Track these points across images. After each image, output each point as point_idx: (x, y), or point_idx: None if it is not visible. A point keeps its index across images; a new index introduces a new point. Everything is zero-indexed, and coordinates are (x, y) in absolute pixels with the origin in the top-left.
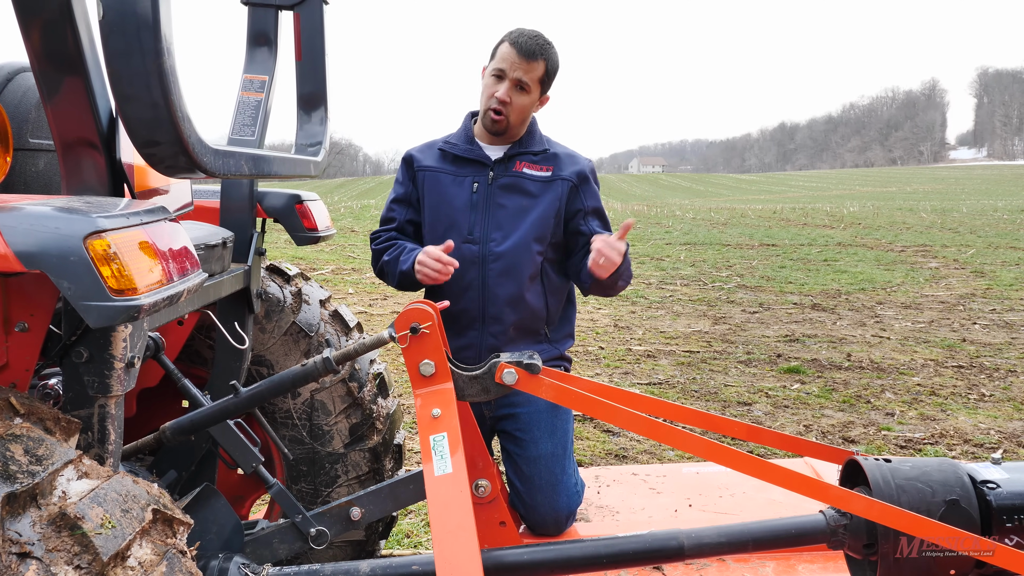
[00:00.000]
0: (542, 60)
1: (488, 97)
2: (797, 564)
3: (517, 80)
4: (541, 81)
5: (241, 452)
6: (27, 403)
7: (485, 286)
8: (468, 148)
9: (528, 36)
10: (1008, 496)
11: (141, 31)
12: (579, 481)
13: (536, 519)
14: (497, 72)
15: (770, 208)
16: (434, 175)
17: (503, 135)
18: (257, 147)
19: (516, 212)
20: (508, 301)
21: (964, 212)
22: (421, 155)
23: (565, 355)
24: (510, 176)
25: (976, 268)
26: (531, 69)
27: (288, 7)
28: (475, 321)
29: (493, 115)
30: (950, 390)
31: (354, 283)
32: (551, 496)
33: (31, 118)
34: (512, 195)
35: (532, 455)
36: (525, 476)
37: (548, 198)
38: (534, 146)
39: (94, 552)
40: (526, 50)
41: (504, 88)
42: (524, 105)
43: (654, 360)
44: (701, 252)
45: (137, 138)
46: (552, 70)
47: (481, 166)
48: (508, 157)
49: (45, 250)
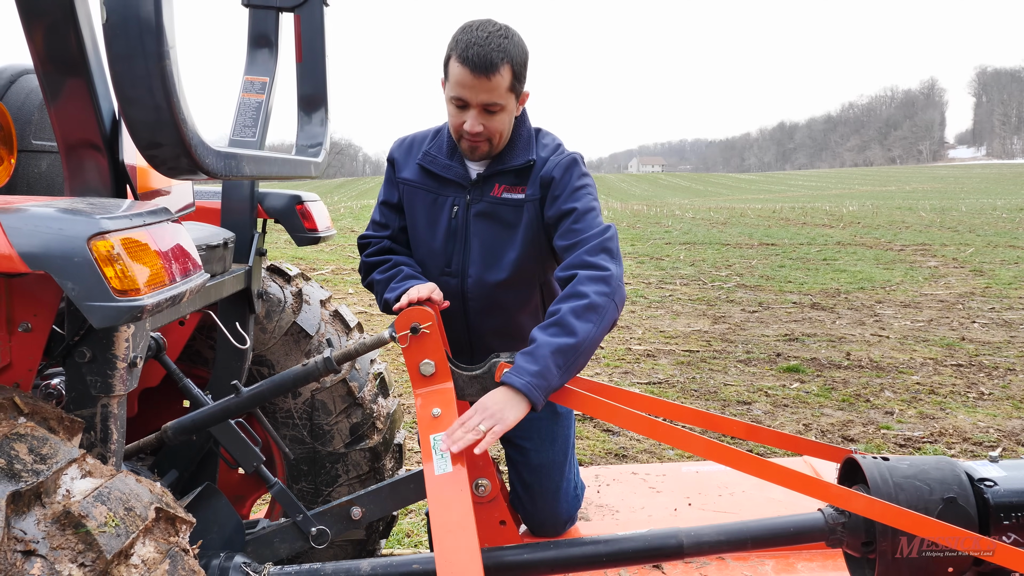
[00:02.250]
0: (505, 64)
1: (455, 127)
2: (796, 562)
3: (483, 104)
4: (511, 88)
5: (242, 451)
6: (31, 403)
7: (468, 320)
8: (447, 165)
9: (479, 44)
10: (1005, 494)
11: (144, 34)
12: (579, 484)
13: (536, 523)
14: (457, 101)
15: (769, 207)
16: (412, 191)
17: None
18: (258, 148)
19: (494, 245)
20: (495, 333)
21: (963, 211)
22: (403, 162)
23: None
24: (486, 202)
25: (975, 267)
26: (495, 85)
27: (288, 9)
28: (463, 348)
29: (469, 144)
30: (949, 389)
31: (354, 283)
32: (552, 503)
33: (34, 120)
34: (489, 224)
35: (534, 463)
36: (526, 483)
37: (524, 226)
38: (516, 159)
39: (98, 550)
40: (482, 65)
41: (472, 118)
42: (501, 124)
43: (654, 359)
44: (700, 251)
45: (139, 140)
46: (520, 67)
47: (460, 187)
48: (485, 178)
49: (49, 251)
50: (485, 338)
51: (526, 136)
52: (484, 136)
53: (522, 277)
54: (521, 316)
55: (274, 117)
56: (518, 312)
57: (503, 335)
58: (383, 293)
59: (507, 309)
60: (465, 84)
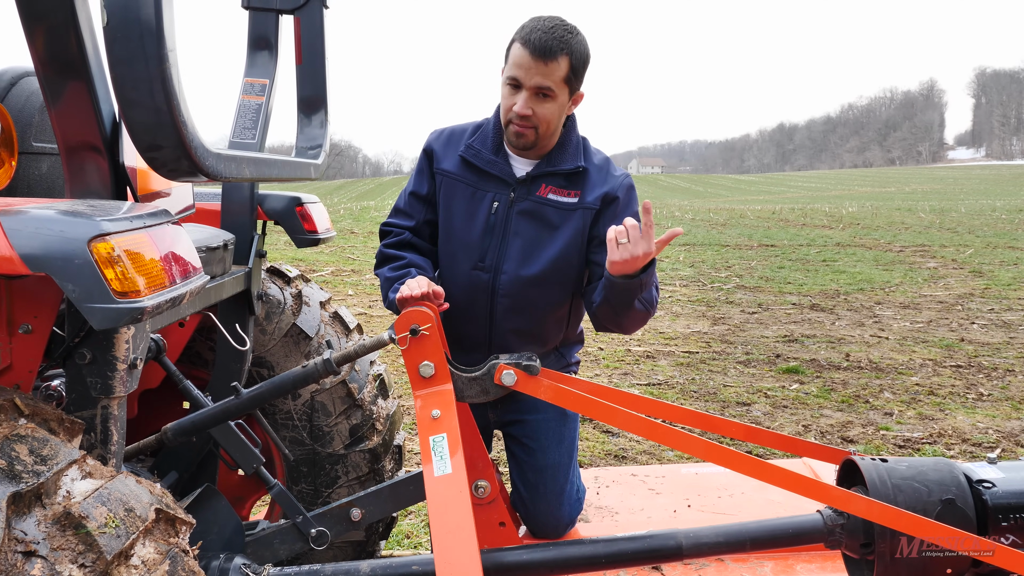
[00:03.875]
0: (564, 56)
1: (506, 110)
2: (795, 564)
3: (536, 87)
4: (567, 80)
5: (242, 453)
6: (31, 404)
7: (492, 318)
8: (492, 160)
9: (543, 30)
10: (1004, 495)
11: (144, 37)
12: (581, 487)
13: (537, 525)
14: (512, 81)
15: (769, 209)
16: (452, 183)
17: (532, 149)
18: (258, 150)
19: (534, 244)
20: (517, 334)
21: (962, 212)
22: (443, 153)
23: (574, 360)
24: (532, 201)
25: (974, 268)
26: (551, 71)
27: (288, 11)
28: (481, 346)
29: (516, 128)
30: (948, 390)
31: (354, 284)
32: (555, 505)
33: (35, 122)
34: (531, 223)
35: (540, 464)
36: (530, 484)
37: (570, 229)
38: (566, 163)
39: (98, 551)
40: (542, 49)
41: (522, 100)
42: (550, 114)
43: (653, 361)
44: (700, 253)
45: (140, 142)
46: (579, 63)
47: (504, 183)
48: (533, 178)
49: (49, 253)
50: (506, 337)
51: (575, 142)
52: (531, 123)
53: (556, 279)
54: (547, 320)
55: (274, 119)
56: (545, 315)
57: (524, 336)
58: (388, 292)
59: (535, 310)
60: (522, 65)
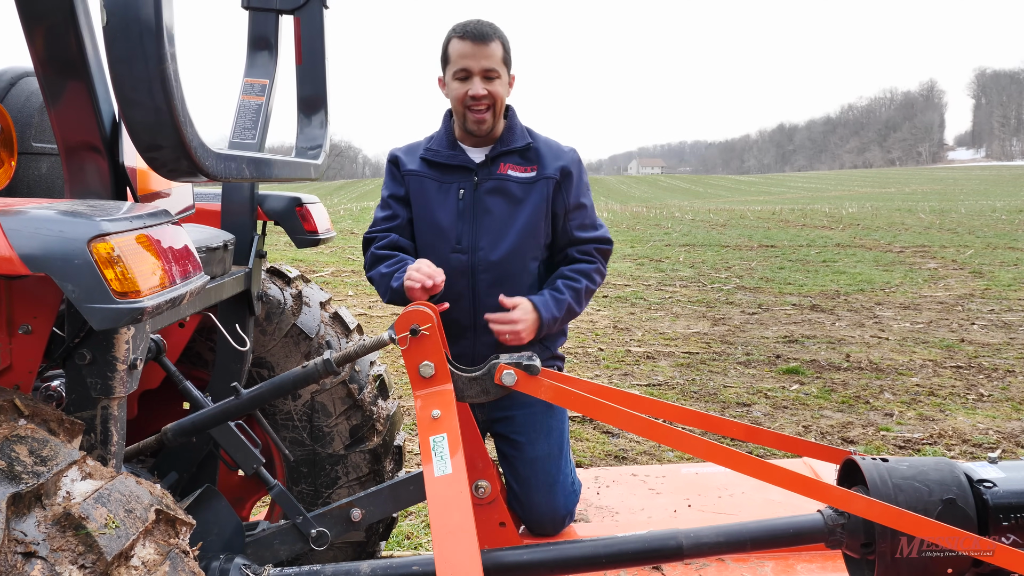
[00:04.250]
0: (496, 40)
1: (461, 99)
2: (796, 564)
3: (484, 70)
4: (504, 61)
5: (242, 453)
6: (31, 405)
7: (476, 296)
8: (451, 154)
9: (473, 23)
10: (1004, 495)
11: (144, 37)
12: (576, 480)
13: (534, 519)
14: (461, 73)
15: (769, 209)
16: (419, 180)
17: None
18: (258, 150)
19: (504, 218)
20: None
21: (962, 213)
22: (406, 158)
23: (558, 354)
24: (495, 179)
25: (974, 268)
26: (492, 52)
27: (288, 11)
28: (467, 330)
29: (476, 116)
30: (949, 390)
31: (354, 285)
32: (548, 497)
33: (34, 122)
34: (498, 199)
35: (529, 457)
36: (522, 478)
37: (534, 200)
38: (516, 142)
39: (98, 552)
40: (479, 35)
41: (476, 84)
42: (501, 91)
43: (653, 361)
44: (700, 253)
45: (140, 142)
46: (508, 48)
47: (466, 171)
48: (491, 159)
49: (49, 253)
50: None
51: (520, 126)
52: (488, 101)
53: (528, 247)
54: (525, 291)
55: (274, 119)
56: (523, 287)
57: None
58: (390, 282)
59: (514, 281)
60: (466, 54)
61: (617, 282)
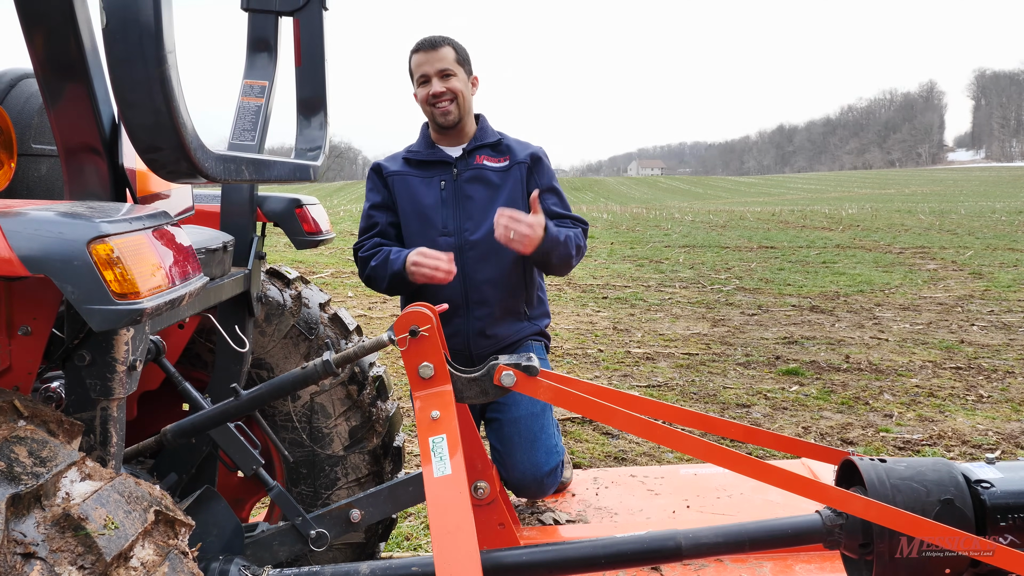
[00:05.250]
0: (447, 45)
1: (426, 100)
2: (794, 564)
3: (439, 71)
4: (459, 62)
5: (241, 455)
6: (31, 406)
7: (465, 273)
8: (430, 152)
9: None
10: (1002, 495)
11: (143, 38)
12: (559, 444)
13: (517, 477)
14: (422, 79)
15: (769, 210)
16: (403, 178)
17: (457, 127)
18: (257, 152)
19: (484, 202)
20: (489, 284)
21: (962, 214)
22: (388, 163)
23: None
24: (473, 169)
25: (974, 270)
26: (443, 55)
27: (288, 13)
28: (460, 308)
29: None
30: (948, 391)
31: (353, 286)
32: (530, 453)
33: (34, 124)
34: (477, 186)
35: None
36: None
37: (510, 184)
38: (488, 138)
39: (97, 553)
40: (429, 43)
41: (435, 83)
42: (459, 85)
43: (653, 362)
44: (700, 254)
45: (139, 143)
46: (462, 52)
47: (445, 165)
48: (468, 152)
49: (49, 254)
50: (481, 289)
51: (490, 127)
52: (448, 95)
53: None
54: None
55: (273, 121)
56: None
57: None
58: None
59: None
60: (422, 62)
61: (616, 283)
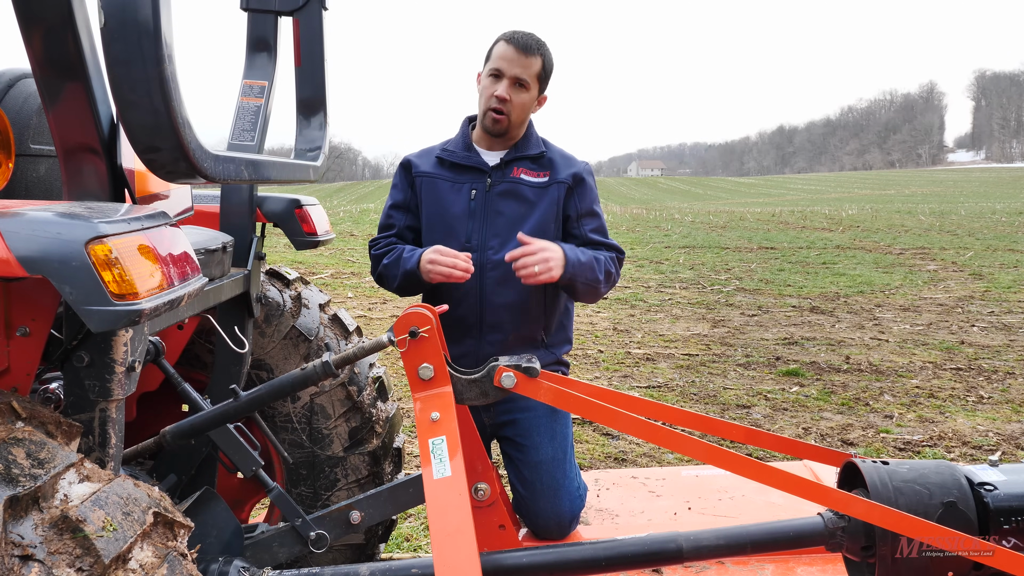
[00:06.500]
0: (539, 56)
1: (487, 98)
2: (796, 566)
3: (515, 77)
4: (539, 78)
5: (241, 456)
6: (29, 407)
7: (483, 294)
8: (466, 155)
9: (524, 33)
10: (1005, 498)
11: (142, 38)
12: (582, 485)
13: (540, 524)
14: (494, 72)
15: (769, 211)
16: (432, 181)
17: (503, 136)
18: (256, 152)
19: (514, 219)
20: (507, 309)
21: (962, 215)
22: (419, 160)
23: (563, 359)
24: (508, 182)
25: (974, 270)
26: (529, 65)
27: (287, 13)
28: (472, 329)
29: (494, 115)
30: (948, 392)
31: (353, 287)
32: (554, 500)
33: (32, 124)
34: (510, 202)
35: (533, 460)
36: (527, 481)
37: (545, 203)
38: (530, 149)
39: (95, 554)
40: (522, 45)
41: (503, 86)
42: (524, 103)
43: (653, 363)
44: (700, 255)
45: (138, 144)
46: (548, 67)
47: (479, 173)
48: (505, 163)
49: (47, 255)
50: (498, 312)
51: (536, 136)
52: (507, 109)
53: None
54: (528, 298)
55: (273, 121)
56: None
57: (514, 310)
58: (399, 269)
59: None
60: (505, 57)
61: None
